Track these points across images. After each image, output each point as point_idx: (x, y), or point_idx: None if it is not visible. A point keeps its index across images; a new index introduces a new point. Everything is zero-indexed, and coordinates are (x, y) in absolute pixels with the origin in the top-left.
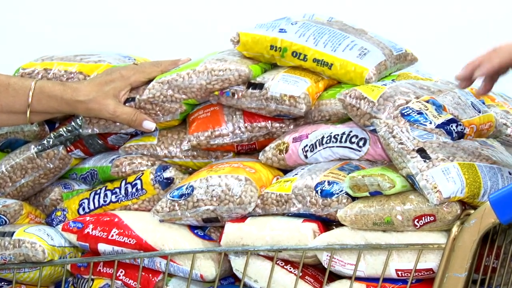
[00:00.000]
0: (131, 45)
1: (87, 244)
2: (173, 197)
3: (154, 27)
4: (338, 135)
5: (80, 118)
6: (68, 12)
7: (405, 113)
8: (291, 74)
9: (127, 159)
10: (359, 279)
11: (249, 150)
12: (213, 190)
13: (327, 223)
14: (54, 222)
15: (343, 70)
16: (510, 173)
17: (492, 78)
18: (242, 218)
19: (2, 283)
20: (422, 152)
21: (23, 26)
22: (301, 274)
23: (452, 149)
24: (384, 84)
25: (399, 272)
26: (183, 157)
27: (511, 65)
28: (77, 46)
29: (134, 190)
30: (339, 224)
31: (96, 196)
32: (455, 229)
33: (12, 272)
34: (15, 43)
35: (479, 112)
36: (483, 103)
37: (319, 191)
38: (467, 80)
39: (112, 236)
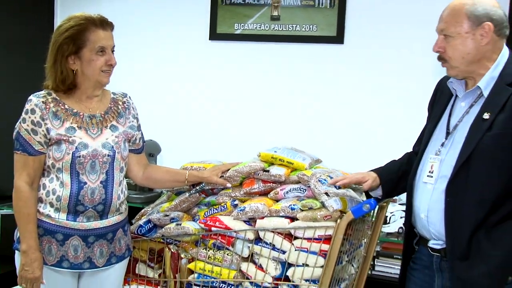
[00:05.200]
0: (221, 153)
1: (207, 227)
2: (238, 211)
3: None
4: (296, 188)
5: (204, 183)
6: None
7: (320, 179)
8: (279, 167)
9: (221, 197)
10: (309, 239)
11: (265, 193)
12: (251, 207)
13: (293, 219)
14: (195, 220)
15: (297, 165)
16: (356, 201)
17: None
18: (263, 217)
19: (174, 241)
20: (326, 194)
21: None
22: (283, 237)
23: (337, 192)
24: (312, 169)
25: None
26: (241, 196)
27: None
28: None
29: (223, 208)
30: (297, 219)
31: (209, 210)
32: (338, 220)
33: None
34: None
35: None
36: None
37: (289, 207)
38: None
39: (216, 224)
